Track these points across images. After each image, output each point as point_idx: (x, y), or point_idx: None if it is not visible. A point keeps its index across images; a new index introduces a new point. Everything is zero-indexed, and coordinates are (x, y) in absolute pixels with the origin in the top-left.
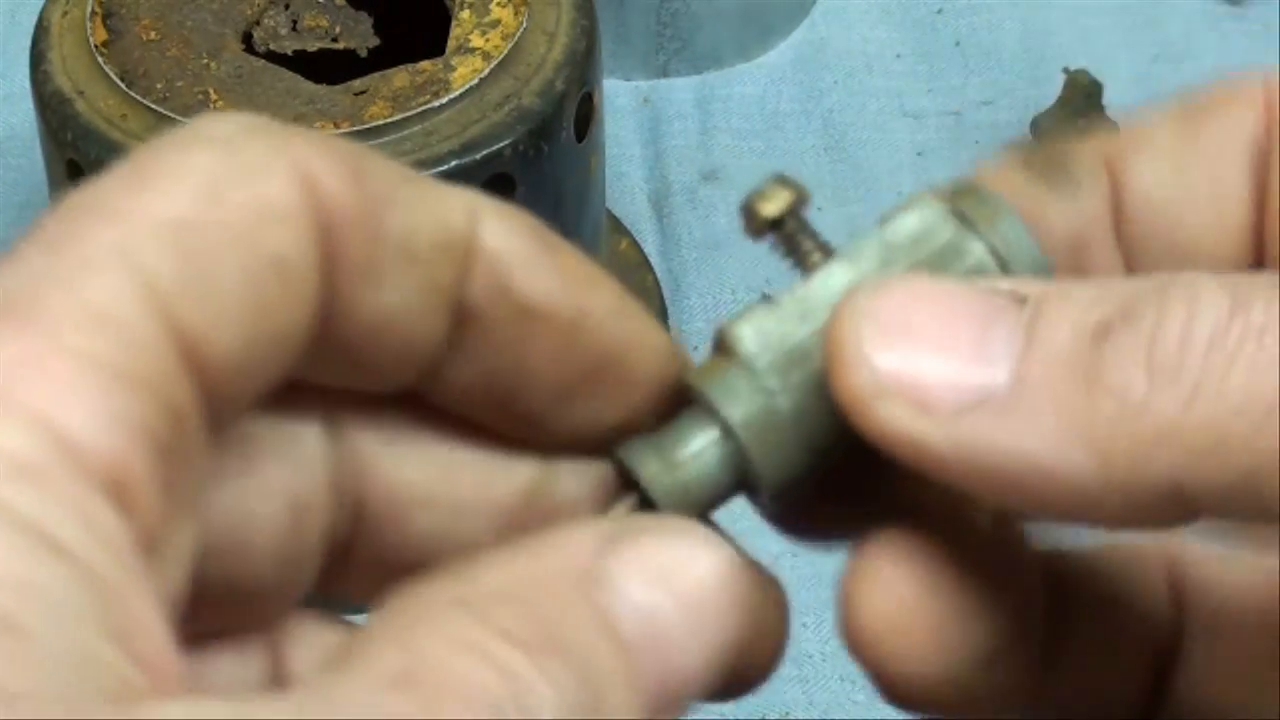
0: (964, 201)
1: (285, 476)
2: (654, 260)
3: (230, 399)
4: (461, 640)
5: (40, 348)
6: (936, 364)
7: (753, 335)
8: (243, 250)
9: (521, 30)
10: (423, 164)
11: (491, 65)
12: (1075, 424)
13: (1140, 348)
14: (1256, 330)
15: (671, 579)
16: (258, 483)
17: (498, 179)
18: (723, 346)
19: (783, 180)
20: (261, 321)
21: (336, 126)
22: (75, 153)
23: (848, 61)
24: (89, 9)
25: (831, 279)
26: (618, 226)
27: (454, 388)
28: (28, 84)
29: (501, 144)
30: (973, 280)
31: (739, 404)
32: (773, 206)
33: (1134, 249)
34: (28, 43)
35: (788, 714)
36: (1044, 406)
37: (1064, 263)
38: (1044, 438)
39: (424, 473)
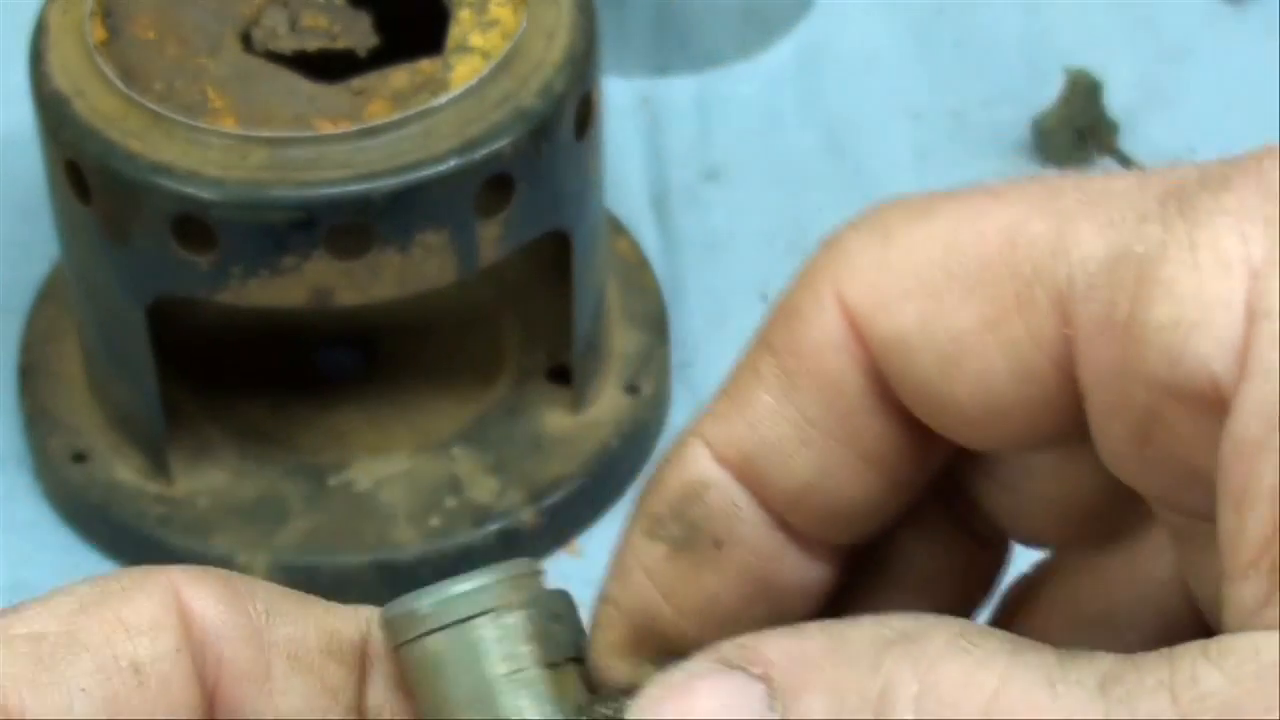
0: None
1: None
2: (654, 260)
3: None
4: None
5: None
6: None
7: None
8: (96, 655)
9: (521, 30)
10: (422, 163)
11: (491, 64)
12: None
13: None
14: None
15: None
16: None
17: (497, 179)
18: None
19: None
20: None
21: (335, 125)
22: (74, 152)
23: (848, 61)
24: (88, 8)
25: None
26: (618, 226)
27: None
28: (26, 84)
29: (501, 143)
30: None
31: None
32: None
33: (817, 533)
34: (26, 43)
35: None
36: None
37: (752, 604)
38: None
39: None
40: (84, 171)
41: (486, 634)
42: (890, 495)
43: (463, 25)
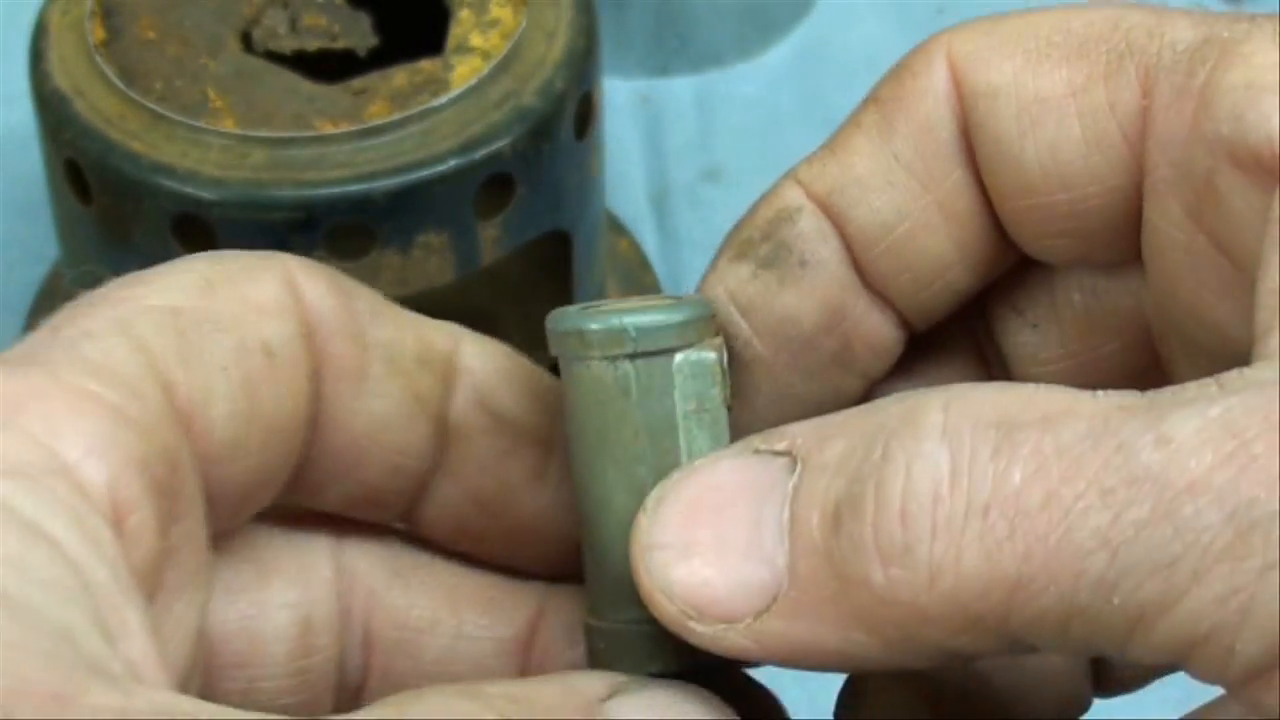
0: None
1: (294, 594)
2: (654, 260)
3: (231, 481)
4: (459, 711)
5: (42, 383)
6: (723, 574)
7: None
8: (232, 335)
9: (521, 29)
10: (422, 163)
11: (491, 64)
12: (845, 614)
13: (867, 536)
14: (980, 508)
15: None
16: (268, 597)
17: (497, 178)
18: None
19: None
20: (253, 403)
21: (336, 125)
22: (74, 152)
23: (848, 61)
24: (88, 8)
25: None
26: (618, 226)
27: (444, 515)
28: (27, 84)
29: (501, 143)
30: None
31: None
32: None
33: (886, 286)
34: (27, 43)
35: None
36: (818, 602)
37: (825, 333)
38: (827, 629)
39: (430, 601)
40: (84, 171)
41: (683, 369)
42: (953, 266)
43: (463, 25)
